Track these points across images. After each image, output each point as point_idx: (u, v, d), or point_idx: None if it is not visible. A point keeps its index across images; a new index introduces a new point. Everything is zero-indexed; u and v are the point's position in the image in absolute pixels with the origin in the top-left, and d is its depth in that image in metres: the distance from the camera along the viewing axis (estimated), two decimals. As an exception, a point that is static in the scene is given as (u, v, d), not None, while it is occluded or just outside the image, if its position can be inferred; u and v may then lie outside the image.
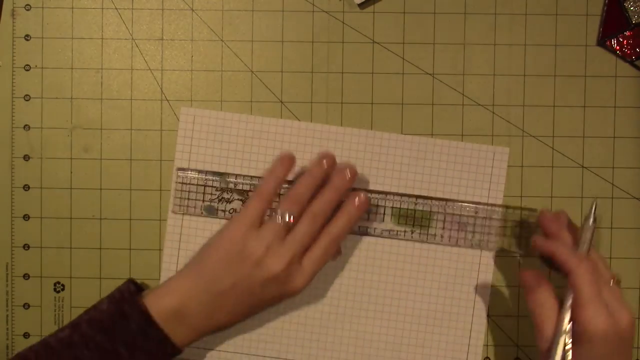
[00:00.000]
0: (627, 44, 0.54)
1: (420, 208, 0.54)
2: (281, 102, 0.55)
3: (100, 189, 0.56)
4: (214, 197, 0.54)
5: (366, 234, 0.54)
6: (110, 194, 0.55)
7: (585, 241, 0.48)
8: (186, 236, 0.55)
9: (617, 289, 0.48)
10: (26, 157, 0.56)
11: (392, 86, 0.55)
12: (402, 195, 0.54)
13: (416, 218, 0.54)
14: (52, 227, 0.56)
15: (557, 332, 0.47)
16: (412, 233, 0.54)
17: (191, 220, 0.55)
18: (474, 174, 0.54)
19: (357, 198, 0.50)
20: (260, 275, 0.48)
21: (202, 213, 0.54)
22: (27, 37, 0.55)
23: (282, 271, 0.48)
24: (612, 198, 0.55)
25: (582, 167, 0.55)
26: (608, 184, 0.55)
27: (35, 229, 0.56)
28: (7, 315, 0.56)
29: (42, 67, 0.55)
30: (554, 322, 0.47)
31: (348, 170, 0.51)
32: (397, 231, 0.54)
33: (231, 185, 0.54)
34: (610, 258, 0.55)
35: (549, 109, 0.55)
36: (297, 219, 0.49)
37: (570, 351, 0.46)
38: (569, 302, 0.47)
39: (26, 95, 0.55)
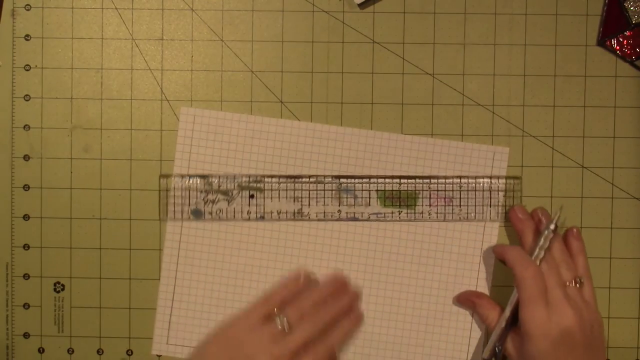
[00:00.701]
0: (627, 44, 0.54)
1: (405, 188, 0.54)
2: (281, 102, 0.55)
3: (100, 189, 0.56)
4: (199, 199, 0.54)
5: (354, 219, 0.54)
6: (110, 194, 0.56)
7: (541, 247, 0.51)
8: (186, 236, 0.55)
9: (577, 290, 0.50)
10: (26, 157, 0.56)
11: (392, 86, 0.55)
12: (385, 177, 0.54)
13: (402, 198, 0.54)
14: (52, 227, 0.56)
15: (496, 325, 0.52)
16: (399, 214, 0.54)
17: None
18: (474, 174, 0.54)
19: (354, 317, 0.51)
20: None
21: (189, 217, 0.54)
22: (27, 37, 0.55)
23: None
24: (612, 198, 0.55)
25: (582, 167, 0.55)
26: (608, 184, 0.55)
27: (35, 229, 0.56)
28: (7, 315, 0.56)
29: (42, 67, 0.55)
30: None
31: (354, 292, 0.52)
32: (385, 213, 0.54)
33: (215, 186, 0.54)
34: (611, 258, 0.55)
35: (549, 109, 0.55)
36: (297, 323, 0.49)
37: (500, 347, 0.51)
38: (511, 300, 0.51)
39: (26, 95, 0.55)
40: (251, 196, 0.54)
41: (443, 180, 0.54)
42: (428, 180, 0.54)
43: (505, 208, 0.54)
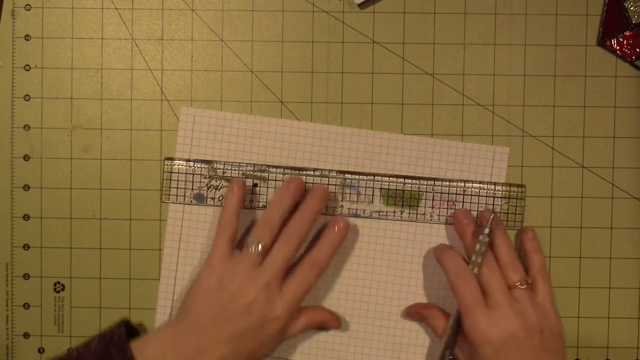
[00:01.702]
0: (627, 44, 0.54)
1: (409, 188, 0.54)
2: (281, 102, 0.55)
3: (100, 189, 0.56)
4: (202, 185, 0.54)
5: (356, 215, 0.54)
6: (110, 194, 0.56)
7: (477, 252, 0.50)
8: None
9: (525, 292, 0.50)
10: (26, 157, 0.56)
11: (392, 86, 0.55)
12: (390, 176, 0.54)
13: (405, 198, 0.54)
14: (52, 227, 0.56)
15: (443, 334, 0.52)
16: (401, 213, 0.54)
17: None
18: (474, 173, 0.54)
19: (337, 224, 0.51)
20: (238, 304, 0.48)
21: (191, 201, 0.55)
22: (27, 37, 0.55)
23: (259, 296, 0.48)
24: (612, 198, 0.55)
25: (582, 167, 0.55)
26: (608, 184, 0.55)
27: (35, 229, 0.56)
28: (7, 315, 0.56)
29: (42, 67, 0.55)
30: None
31: (319, 190, 0.52)
32: (387, 212, 0.54)
33: (219, 173, 0.54)
34: (611, 258, 0.55)
35: (549, 109, 0.55)
36: (271, 244, 0.50)
37: (449, 353, 0.51)
38: (456, 308, 0.50)
39: (26, 95, 0.55)
40: (254, 185, 0.54)
41: (447, 183, 0.54)
42: (432, 182, 0.54)
43: (507, 215, 0.54)
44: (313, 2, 0.55)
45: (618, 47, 0.54)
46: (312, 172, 0.54)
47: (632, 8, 0.54)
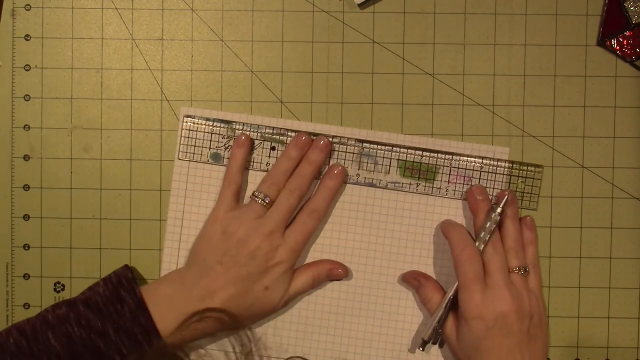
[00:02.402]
0: (627, 44, 0.54)
1: (426, 161, 0.54)
2: (281, 102, 0.55)
3: (100, 189, 0.56)
4: (220, 144, 0.54)
5: (372, 185, 0.54)
6: (110, 194, 0.55)
7: (487, 230, 0.51)
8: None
9: (522, 277, 0.51)
10: (26, 157, 0.56)
11: (392, 86, 0.55)
12: (408, 148, 0.54)
13: (422, 171, 0.54)
14: (52, 227, 0.56)
15: (438, 307, 0.52)
16: (417, 186, 0.54)
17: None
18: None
19: (333, 171, 0.53)
20: (244, 250, 0.50)
21: (207, 160, 0.55)
22: (27, 37, 0.55)
23: (262, 243, 0.50)
24: (612, 198, 0.55)
25: (582, 167, 0.55)
26: (608, 184, 0.55)
27: (35, 229, 0.56)
28: (7, 315, 0.56)
29: (42, 67, 0.55)
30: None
31: (321, 142, 0.53)
32: (403, 184, 0.54)
33: (238, 133, 0.54)
34: (611, 258, 0.55)
35: (549, 109, 0.55)
36: (275, 198, 0.52)
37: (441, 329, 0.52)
38: (454, 282, 0.51)
39: (26, 95, 0.55)
40: (272, 148, 0.55)
41: (465, 159, 0.54)
42: (450, 157, 0.54)
43: (523, 194, 0.54)
44: (313, 2, 0.55)
45: (618, 47, 0.54)
46: (330, 139, 0.54)
47: (632, 8, 0.54)
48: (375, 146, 0.54)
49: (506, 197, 0.51)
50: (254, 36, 0.55)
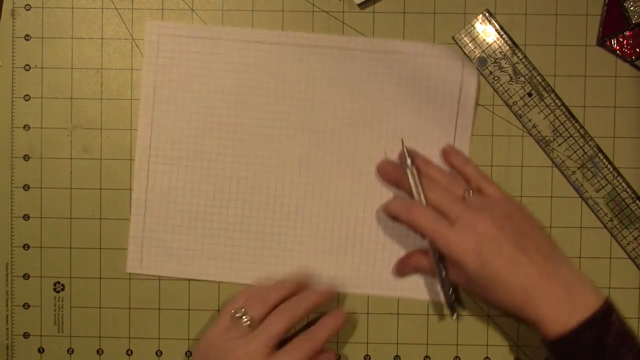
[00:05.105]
0: (627, 44, 0.54)
1: None
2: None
3: (100, 189, 0.56)
4: None
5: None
6: (110, 194, 0.55)
7: (415, 185, 0.50)
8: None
9: (477, 196, 0.50)
10: (26, 157, 0.56)
11: (392, 86, 0.55)
12: None
13: None
14: (52, 227, 0.56)
15: (434, 274, 0.52)
16: None
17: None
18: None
19: (338, 313, 0.51)
20: None
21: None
22: (27, 37, 0.55)
23: None
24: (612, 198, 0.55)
25: (583, 166, 0.55)
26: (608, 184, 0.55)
27: (35, 229, 0.56)
28: (7, 315, 0.56)
29: (42, 67, 0.55)
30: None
31: (328, 292, 0.52)
32: None
33: None
34: (610, 258, 0.55)
35: (549, 109, 0.55)
36: (262, 319, 0.49)
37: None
38: (428, 247, 0.51)
39: (26, 95, 0.55)
40: None
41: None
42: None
43: None
44: (313, 2, 0.55)
45: (618, 47, 0.54)
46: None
47: (632, 8, 0.54)
48: None
49: (404, 147, 0.51)
50: (254, 36, 0.55)
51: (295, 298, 0.51)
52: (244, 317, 0.49)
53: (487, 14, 0.54)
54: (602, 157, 0.54)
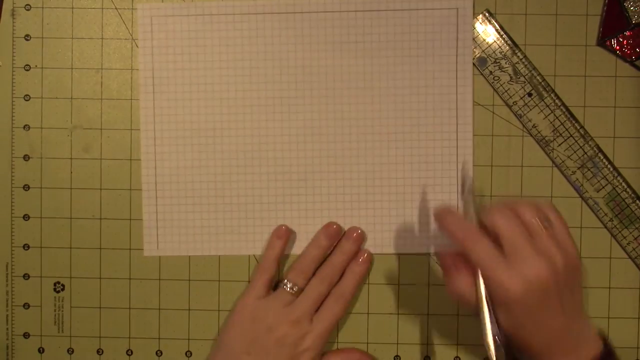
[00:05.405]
0: (627, 44, 0.54)
1: None
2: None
3: (100, 189, 0.56)
4: None
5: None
6: (110, 194, 0.55)
7: (470, 216, 0.47)
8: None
9: (547, 234, 0.45)
10: (26, 157, 0.56)
11: (392, 86, 0.55)
12: None
13: None
14: (52, 227, 0.56)
15: (480, 307, 0.45)
16: None
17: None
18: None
19: (361, 256, 0.54)
20: (271, 337, 0.51)
21: None
22: (27, 37, 0.55)
23: (291, 330, 0.51)
24: (613, 198, 0.55)
25: (583, 166, 0.55)
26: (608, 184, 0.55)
27: (35, 229, 0.56)
28: (7, 315, 0.56)
29: (42, 67, 0.55)
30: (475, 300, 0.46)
31: (355, 234, 0.54)
32: None
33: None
34: (611, 258, 0.55)
35: (549, 109, 0.55)
36: (304, 286, 0.52)
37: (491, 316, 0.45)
38: (479, 276, 0.45)
39: (26, 95, 0.55)
40: None
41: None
42: None
43: None
44: (313, 2, 0.55)
45: (618, 47, 0.54)
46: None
47: (632, 8, 0.54)
48: None
49: (463, 179, 0.52)
50: (254, 36, 0.55)
51: (331, 260, 0.53)
52: (287, 284, 0.52)
53: (487, 14, 0.54)
54: (602, 157, 0.54)
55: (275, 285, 0.54)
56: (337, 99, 0.54)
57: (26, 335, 0.56)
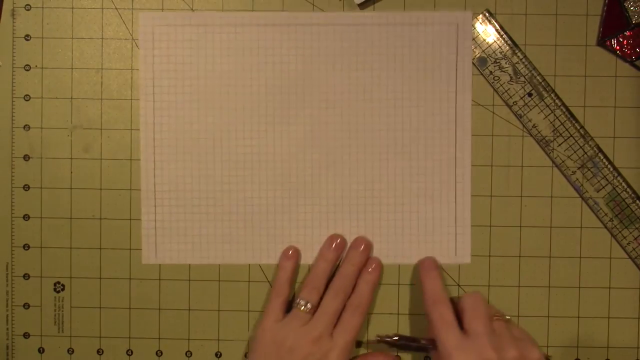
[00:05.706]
0: (627, 44, 0.54)
1: None
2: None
3: (100, 189, 0.56)
4: None
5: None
6: (110, 194, 0.56)
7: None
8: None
9: (501, 325, 0.50)
10: (26, 157, 0.56)
11: (392, 86, 0.55)
12: None
13: None
14: (52, 227, 0.56)
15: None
16: None
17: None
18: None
19: (371, 266, 0.54)
20: (295, 358, 0.50)
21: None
22: (27, 37, 0.55)
23: (313, 349, 0.50)
24: (612, 198, 0.55)
25: (583, 166, 0.55)
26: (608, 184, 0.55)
27: (35, 229, 0.56)
28: (7, 315, 0.56)
29: (42, 67, 0.55)
30: None
31: (363, 244, 0.54)
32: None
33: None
34: (610, 258, 0.55)
35: (549, 109, 0.55)
36: (318, 302, 0.52)
37: None
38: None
39: (26, 95, 0.55)
40: None
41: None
42: None
43: None
44: (313, 2, 0.55)
45: (618, 47, 0.54)
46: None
47: (632, 8, 0.54)
48: None
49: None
50: (254, 36, 0.55)
51: (342, 272, 0.53)
52: (301, 303, 0.52)
53: (487, 14, 0.55)
54: (602, 157, 0.54)
55: (289, 305, 0.54)
56: (336, 110, 0.54)
57: (26, 335, 0.56)
